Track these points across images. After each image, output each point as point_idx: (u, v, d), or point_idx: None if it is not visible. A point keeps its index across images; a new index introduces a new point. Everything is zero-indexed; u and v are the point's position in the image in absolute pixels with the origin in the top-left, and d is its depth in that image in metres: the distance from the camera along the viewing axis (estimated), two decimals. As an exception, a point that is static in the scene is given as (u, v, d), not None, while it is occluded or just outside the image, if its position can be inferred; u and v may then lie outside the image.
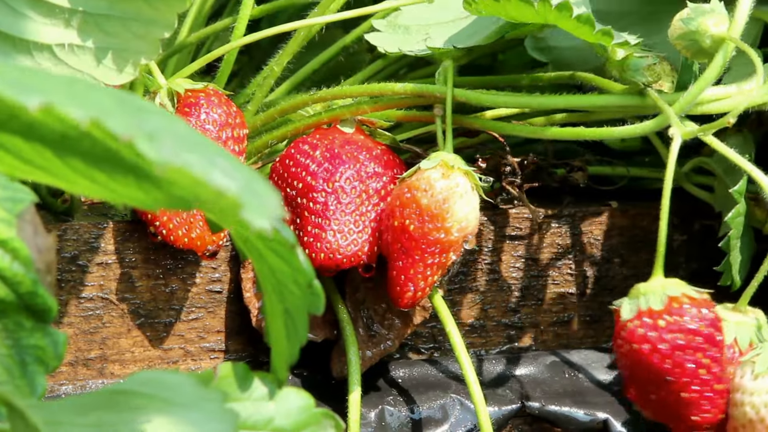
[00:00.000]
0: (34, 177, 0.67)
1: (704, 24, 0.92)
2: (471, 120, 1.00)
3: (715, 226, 1.05)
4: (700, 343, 0.92)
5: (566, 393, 1.05)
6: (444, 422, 1.02)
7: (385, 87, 1.00)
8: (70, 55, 0.91)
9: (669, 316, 0.92)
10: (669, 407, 0.93)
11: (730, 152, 0.94)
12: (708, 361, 0.92)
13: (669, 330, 0.92)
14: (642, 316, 0.93)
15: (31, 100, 0.57)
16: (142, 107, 0.60)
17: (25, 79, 0.58)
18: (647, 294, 0.93)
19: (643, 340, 0.92)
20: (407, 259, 0.96)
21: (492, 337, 1.07)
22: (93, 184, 0.64)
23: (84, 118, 0.57)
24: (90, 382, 0.98)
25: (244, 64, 1.21)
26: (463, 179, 0.96)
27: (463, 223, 0.95)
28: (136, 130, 0.57)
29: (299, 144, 0.99)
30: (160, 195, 0.62)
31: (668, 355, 0.92)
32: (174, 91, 0.98)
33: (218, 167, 0.59)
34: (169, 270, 0.99)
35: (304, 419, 0.72)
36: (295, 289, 0.71)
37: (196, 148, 0.59)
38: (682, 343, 0.92)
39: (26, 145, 0.63)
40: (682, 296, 0.93)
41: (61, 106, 0.57)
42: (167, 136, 0.58)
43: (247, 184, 0.59)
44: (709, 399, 0.92)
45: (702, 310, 0.92)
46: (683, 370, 0.92)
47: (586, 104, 0.97)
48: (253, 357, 1.02)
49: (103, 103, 0.58)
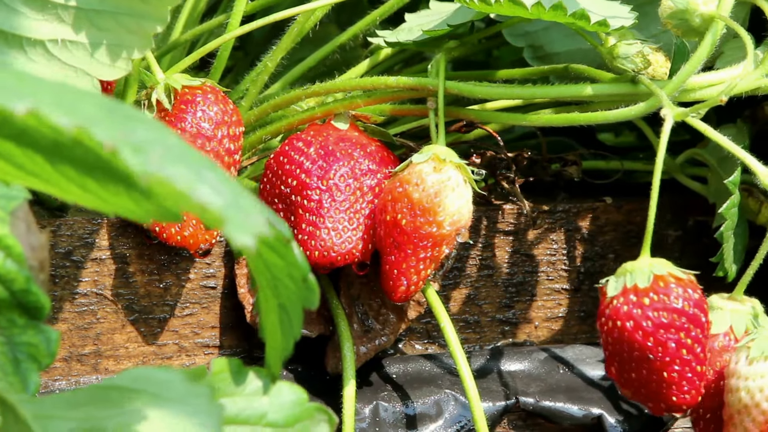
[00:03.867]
0: (27, 183, 0.67)
1: (693, 2, 0.93)
2: (465, 111, 1.00)
3: (708, 222, 1.05)
4: (684, 322, 0.92)
5: (560, 389, 1.05)
6: (438, 418, 1.02)
7: (378, 81, 1.00)
8: (63, 51, 0.91)
9: (654, 294, 0.92)
10: (649, 386, 0.93)
11: (722, 139, 0.94)
12: (690, 341, 0.92)
13: (653, 308, 0.92)
14: (627, 293, 0.92)
15: (19, 106, 0.57)
16: (132, 116, 0.60)
17: (15, 84, 0.58)
18: (633, 272, 0.93)
19: (627, 317, 0.92)
20: (400, 253, 0.96)
21: (486, 333, 1.07)
22: (84, 192, 0.64)
23: (70, 125, 0.57)
24: (84, 378, 0.98)
25: (238, 60, 1.21)
26: (455, 172, 0.96)
27: (455, 216, 0.95)
28: (121, 140, 0.57)
29: (293, 141, 0.99)
30: (150, 206, 0.62)
31: (651, 333, 0.91)
32: (171, 87, 0.98)
33: (205, 181, 0.58)
34: (164, 266, 0.99)
35: (297, 414, 0.72)
36: (289, 284, 0.71)
37: (183, 161, 0.58)
38: (665, 322, 0.92)
39: (18, 151, 0.63)
40: (668, 275, 0.93)
41: (47, 113, 0.57)
42: (155, 147, 0.58)
43: (233, 200, 0.59)
44: (689, 380, 0.92)
45: (688, 290, 0.92)
46: (666, 349, 0.91)
47: (578, 94, 0.97)
48: (248, 352, 1.02)
49: (91, 111, 0.58)
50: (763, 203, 1.04)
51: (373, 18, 1.06)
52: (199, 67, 1.10)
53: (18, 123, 0.61)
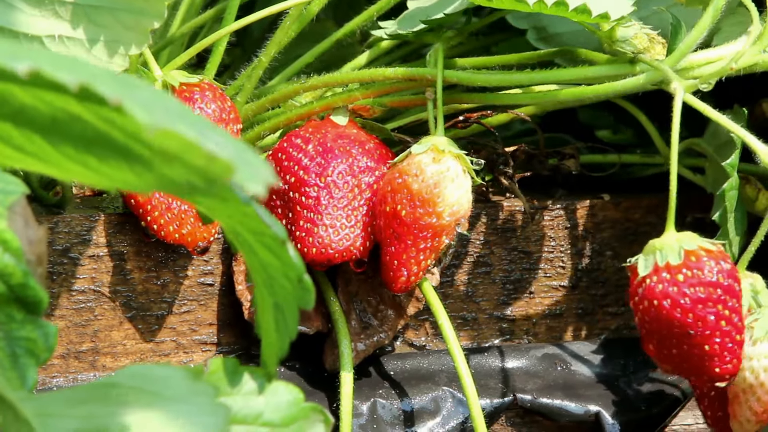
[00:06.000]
0: (26, 165, 0.67)
1: None
2: (466, 96, 1.00)
3: (706, 219, 1.05)
4: (720, 294, 0.92)
5: (558, 386, 1.05)
6: (436, 415, 1.02)
7: (376, 72, 1.00)
8: (60, 47, 0.91)
9: (688, 270, 0.92)
10: (691, 360, 0.93)
11: (722, 118, 0.94)
12: (728, 312, 0.92)
13: (689, 284, 0.92)
14: (660, 271, 0.92)
15: (20, 66, 0.57)
16: (131, 81, 0.60)
17: (15, 50, 0.58)
18: (663, 249, 0.93)
19: (663, 295, 0.92)
20: (399, 244, 0.96)
21: (484, 330, 1.07)
22: (85, 169, 0.64)
23: (73, 82, 0.57)
24: (82, 375, 0.98)
25: (236, 57, 1.21)
26: (454, 163, 0.96)
27: (455, 207, 0.96)
28: (127, 95, 0.57)
29: (291, 137, 0.99)
30: (151, 177, 0.62)
31: (690, 309, 0.91)
32: (169, 84, 0.98)
33: (209, 137, 0.59)
34: (161, 263, 0.99)
35: (293, 413, 0.72)
36: (285, 284, 0.71)
37: (186, 120, 0.59)
38: (702, 297, 0.91)
39: (17, 132, 0.63)
40: (699, 249, 0.92)
41: (50, 72, 0.57)
42: (158, 106, 0.58)
43: (239, 153, 0.59)
44: (730, 350, 0.92)
45: (720, 262, 0.92)
46: (705, 323, 0.91)
47: (578, 76, 0.97)
48: (245, 349, 1.02)
49: (93, 71, 0.58)
50: (760, 190, 1.04)
51: (370, 14, 1.06)
52: (197, 64, 1.10)
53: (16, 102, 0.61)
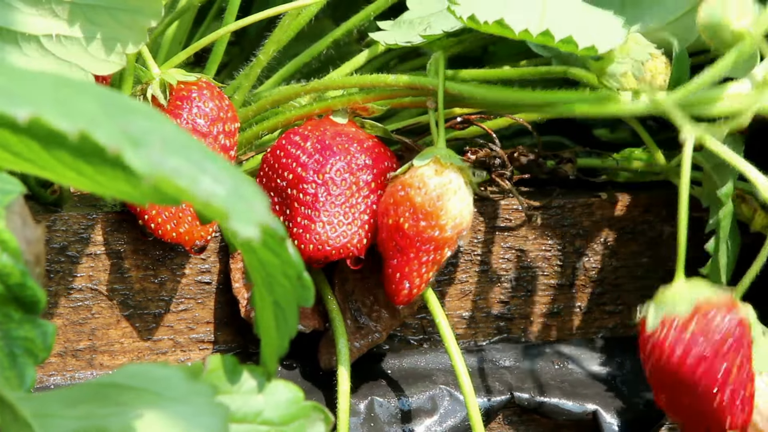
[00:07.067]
0: (22, 168, 0.67)
1: (727, 17, 0.89)
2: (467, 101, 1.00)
3: (704, 218, 1.05)
4: (731, 346, 0.91)
5: (555, 384, 1.05)
6: (433, 413, 1.02)
7: (378, 79, 1.00)
8: (58, 46, 0.91)
9: (697, 323, 0.91)
10: (703, 413, 0.92)
11: (729, 153, 0.92)
12: (739, 361, 0.91)
13: (698, 337, 0.91)
14: (670, 324, 0.91)
15: (20, 112, 0.57)
16: (129, 108, 0.60)
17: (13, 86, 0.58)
18: (673, 300, 0.92)
19: (672, 349, 0.91)
20: (402, 256, 0.96)
21: (481, 328, 1.07)
22: (80, 176, 0.64)
23: (72, 129, 0.57)
24: (79, 373, 0.98)
25: (234, 56, 1.21)
26: (456, 175, 0.96)
27: (457, 219, 0.96)
28: (122, 138, 0.57)
29: (290, 135, 0.99)
30: (147, 190, 0.62)
31: (699, 363, 0.90)
32: (166, 82, 0.97)
33: (206, 172, 0.59)
34: (159, 261, 0.99)
35: (293, 412, 0.72)
36: (284, 282, 0.71)
37: (183, 152, 0.58)
38: (712, 350, 0.90)
39: (14, 138, 0.63)
40: (708, 299, 0.91)
41: (48, 118, 0.57)
42: (154, 140, 0.58)
43: (234, 189, 0.59)
44: (744, 399, 0.91)
45: (729, 314, 0.91)
46: (716, 376, 0.91)
47: (579, 98, 0.96)
48: (243, 347, 1.02)
49: (90, 108, 0.58)
50: (756, 210, 1.04)
51: (367, 13, 1.06)
52: (195, 63, 1.10)
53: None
